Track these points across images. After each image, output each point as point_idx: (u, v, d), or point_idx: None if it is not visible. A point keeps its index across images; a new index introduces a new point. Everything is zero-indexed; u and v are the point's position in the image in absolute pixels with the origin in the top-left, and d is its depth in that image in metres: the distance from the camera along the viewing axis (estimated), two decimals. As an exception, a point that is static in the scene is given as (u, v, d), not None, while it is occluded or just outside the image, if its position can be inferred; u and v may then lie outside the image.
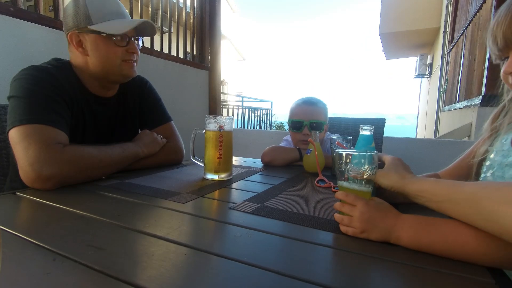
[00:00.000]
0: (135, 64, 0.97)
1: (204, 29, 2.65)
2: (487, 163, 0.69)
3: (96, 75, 0.93)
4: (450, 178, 0.77)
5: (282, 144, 1.36)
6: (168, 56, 2.25)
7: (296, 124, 1.22)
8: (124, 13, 0.94)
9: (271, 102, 8.04)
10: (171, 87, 2.27)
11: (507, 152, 0.64)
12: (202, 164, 0.93)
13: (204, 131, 0.89)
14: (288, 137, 1.39)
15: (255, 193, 0.76)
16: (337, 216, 0.53)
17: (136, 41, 0.97)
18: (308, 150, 1.06)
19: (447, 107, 4.18)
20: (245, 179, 0.93)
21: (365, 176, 0.53)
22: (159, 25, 2.31)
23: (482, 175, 0.68)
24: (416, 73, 7.12)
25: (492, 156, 0.68)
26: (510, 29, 0.58)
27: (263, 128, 7.01)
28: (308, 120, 1.20)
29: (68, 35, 0.90)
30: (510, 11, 0.58)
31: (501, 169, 0.63)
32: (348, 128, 1.69)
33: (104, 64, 0.90)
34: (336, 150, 0.60)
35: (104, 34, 0.87)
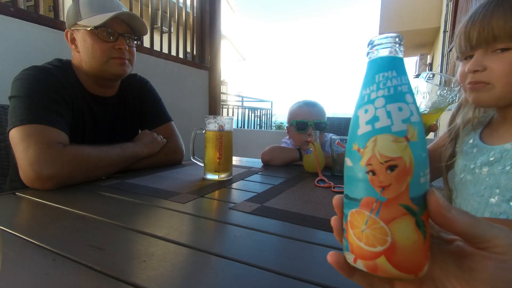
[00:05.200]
0: (126, 61, 0.93)
1: (204, 29, 2.65)
2: (460, 167, 0.72)
3: (88, 73, 0.92)
4: None
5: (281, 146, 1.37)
6: (168, 56, 2.25)
7: (300, 125, 1.24)
8: (114, 7, 0.90)
9: (271, 102, 8.05)
10: (171, 87, 2.27)
11: (473, 156, 0.69)
12: (202, 164, 0.93)
13: (204, 131, 0.89)
14: (286, 139, 1.39)
15: (255, 193, 0.76)
16: None
17: (129, 39, 0.94)
18: (308, 150, 1.06)
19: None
20: (245, 179, 0.93)
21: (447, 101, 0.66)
22: (159, 25, 2.31)
23: (460, 176, 0.72)
24: (416, 73, 7.12)
25: (463, 161, 0.71)
26: (482, 29, 0.60)
27: (263, 128, 7.01)
28: (312, 120, 1.22)
29: (65, 32, 0.91)
30: (488, 12, 0.60)
31: (473, 173, 0.67)
32: (348, 128, 1.69)
33: (91, 60, 0.89)
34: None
35: (89, 29, 0.86)
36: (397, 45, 0.23)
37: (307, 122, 1.22)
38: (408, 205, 0.21)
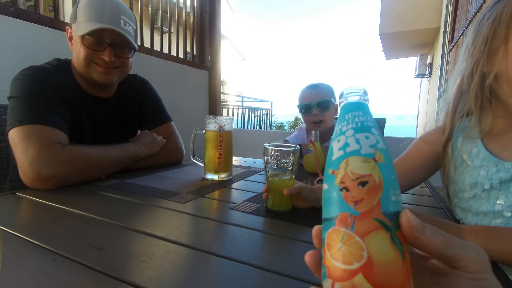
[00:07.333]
0: (112, 71, 0.91)
1: (204, 29, 2.65)
2: (467, 182, 0.62)
3: (79, 73, 0.92)
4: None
5: (295, 133, 1.48)
6: (168, 56, 2.25)
7: (304, 107, 1.29)
8: (110, 17, 0.86)
9: (271, 102, 8.05)
10: (171, 87, 2.27)
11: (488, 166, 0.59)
12: (202, 164, 0.93)
13: (204, 131, 0.89)
14: (292, 137, 1.45)
15: (255, 193, 0.76)
16: None
17: (123, 48, 0.91)
18: (308, 150, 1.06)
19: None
20: (245, 179, 0.93)
21: (289, 168, 0.61)
22: (159, 25, 2.31)
23: (471, 192, 0.62)
24: (416, 73, 7.11)
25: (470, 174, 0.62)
26: None
27: (263, 128, 7.01)
28: (314, 101, 1.26)
29: (66, 29, 0.91)
30: None
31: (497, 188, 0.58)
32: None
33: (77, 61, 0.89)
34: (265, 145, 0.62)
35: (78, 34, 0.85)
36: (363, 93, 0.27)
37: (310, 104, 1.27)
38: (381, 219, 0.22)
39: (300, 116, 1.38)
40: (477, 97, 0.61)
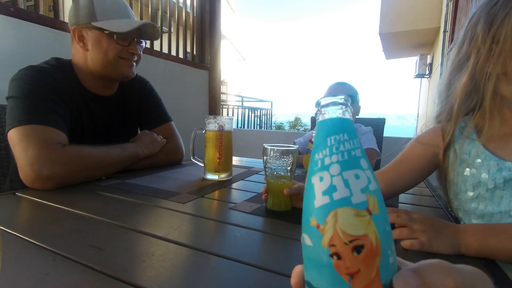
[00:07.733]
0: (134, 64, 0.97)
1: (204, 29, 2.65)
2: (469, 182, 0.61)
3: (94, 72, 0.92)
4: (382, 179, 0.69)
5: (308, 134, 1.51)
6: (168, 56, 2.25)
7: None
8: (129, 14, 0.95)
9: (271, 102, 8.04)
10: (171, 87, 2.27)
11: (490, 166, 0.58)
12: (202, 164, 0.93)
13: (204, 131, 0.89)
14: (301, 139, 1.49)
15: (255, 193, 0.76)
16: (395, 231, 0.49)
17: (139, 43, 0.97)
18: (308, 150, 1.06)
19: (447, 107, 4.17)
20: (245, 179, 0.93)
21: (288, 168, 0.61)
22: (159, 25, 2.31)
23: (470, 194, 0.61)
24: (416, 73, 7.11)
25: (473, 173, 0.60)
26: None
27: (263, 128, 7.01)
28: None
29: (71, 29, 0.91)
30: None
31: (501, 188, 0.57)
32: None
33: (102, 60, 0.90)
34: (264, 145, 0.62)
35: (107, 32, 0.87)
36: (345, 102, 0.22)
37: None
38: None
39: (300, 116, 1.41)
40: (490, 98, 0.58)
